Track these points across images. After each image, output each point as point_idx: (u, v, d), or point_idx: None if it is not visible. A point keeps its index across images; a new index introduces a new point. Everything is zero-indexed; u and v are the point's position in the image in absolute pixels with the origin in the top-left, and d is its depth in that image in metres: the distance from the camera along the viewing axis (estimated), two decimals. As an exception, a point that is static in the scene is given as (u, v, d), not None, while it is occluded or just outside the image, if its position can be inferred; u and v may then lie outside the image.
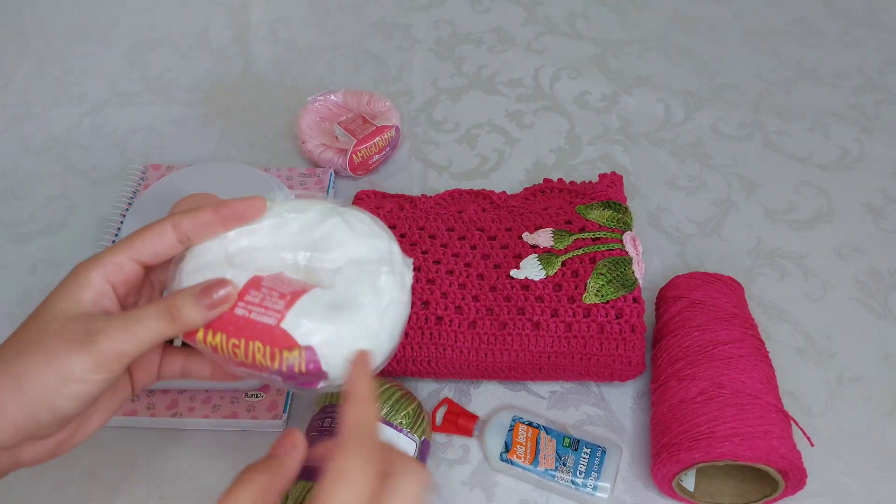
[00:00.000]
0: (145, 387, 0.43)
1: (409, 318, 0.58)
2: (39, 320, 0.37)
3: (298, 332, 0.37)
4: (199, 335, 0.38)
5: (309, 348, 0.37)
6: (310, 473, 0.50)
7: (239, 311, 0.38)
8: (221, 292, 0.38)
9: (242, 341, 0.38)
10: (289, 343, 0.38)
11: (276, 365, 0.38)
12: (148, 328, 0.37)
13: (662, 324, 0.58)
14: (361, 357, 0.38)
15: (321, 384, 0.39)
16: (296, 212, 0.42)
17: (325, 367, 0.38)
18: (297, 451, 0.37)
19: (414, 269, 0.60)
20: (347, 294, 0.39)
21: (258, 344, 0.38)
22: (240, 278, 0.39)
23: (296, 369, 0.38)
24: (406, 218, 0.66)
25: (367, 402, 0.36)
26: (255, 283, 0.39)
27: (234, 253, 0.40)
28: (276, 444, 0.37)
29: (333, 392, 0.54)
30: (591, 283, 0.58)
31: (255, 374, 0.39)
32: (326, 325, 0.38)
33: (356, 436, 0.34)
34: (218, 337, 0.38)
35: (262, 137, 0.81)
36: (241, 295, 0.39)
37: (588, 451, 0.54)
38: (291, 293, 0.39)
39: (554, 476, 0.54)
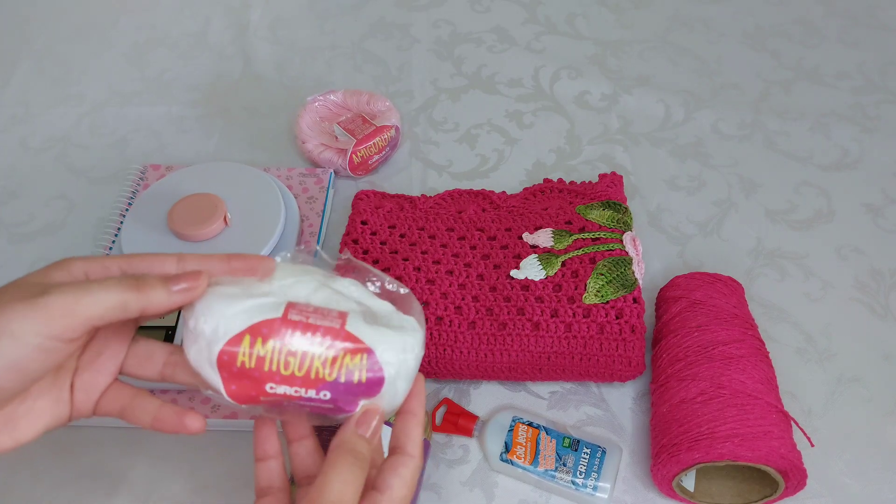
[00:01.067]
0: (82, 415, 0.39)
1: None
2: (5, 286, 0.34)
3: (365, 335, 0.37)
4: (244, 345, 0.36)
5: (372, 353, 0.37)
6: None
7: (294, 317, 0.36)
8: (193, 282, 0.36)
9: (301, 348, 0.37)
10: (355, 346, 0.36)
11: (335, 374, 0.36)
12: (106, 290, 0.34)
13: (662, 324, 0.58)
14: (420, 381, 0.41)
15: (359, 406, 0.38)
16: (299, 276, 0.40)
17: (386, 376, 0.37)
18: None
19: (414, 270, 0.60)
20: (389, 322, 0.39)
21: None
22: (280, 299, 0.38)
23: (355, 378, 0.37)
24: (406, 218, 0.66)
25: (423, 421, 0.41)
26: (296, 303, 0.38)
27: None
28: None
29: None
30: (591, 284, 0.58)
31: (300, 393, 0.37)
32: (388, 330, 0.38)
33: (417, 453, 0.39)
34: (269, 345, 0.36)
35: (262, 137, 0.81)
36: (291, 306, 0.37)
37: (588, 451, 0.54)
38: (339, 311, 0.38)
39: (554, 476, 0.54)
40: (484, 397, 0.60)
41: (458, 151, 0.79)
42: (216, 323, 0.36)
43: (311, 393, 0.37)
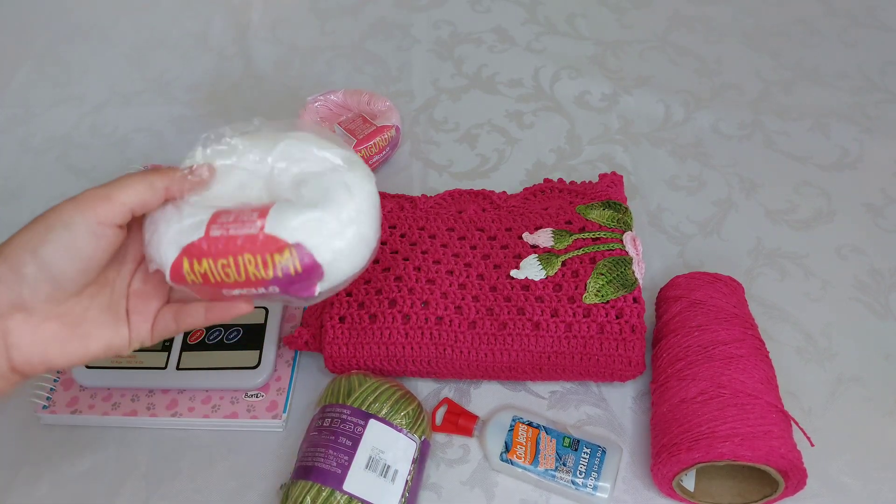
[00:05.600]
0: (141, 336, 0.44)
1: (410, 318, 0.58)
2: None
3: (283, 231, 0.38)
4: (185, 268, 0.39)
5: (298, 245, 0.38)
6: (309, 473, 0.50)
7: (215, 233, 0.39)
8: (203, 169, 0.43)
9: (231, 259, 0.38)
10: (277, 245, 0.38)
11: (271, 273, 0.39)
12: (133, 177, 0.40)
13: (663, 324, 0.58)
14: None
15: (318, 288, 0.40)
16: (247, 145, 0.43)
17: (319, 260, 0.39)
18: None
19: (414, 270, 0.60)
20: (317, 195, 0.40)
21: (248, 256, 0.38)
22: (205, 215, 0.40)
23: (291, 271, 0.39)
24: (406, 218, 0.66)
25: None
26: (221, 212, 0.40)
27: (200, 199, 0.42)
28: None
29: (331, 389, 0.54)
30: (592, 283, 0.58)
31: (253, 292, 0.40)
32: (307, 215, 0.39)
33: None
34: (205, 263, 0.39)
35: (263, 137, 0.81)
36: (214, 219, 0.39)
37: (588, 451, 0.54)
38: (261, 208, 0.40)
39: (554, 476, 0.54)
40: (484, 397, 0.61)
41: (458, 151, 0.79)
42: (158, 250, 0.40)
43: (262, 290, 0.40)
